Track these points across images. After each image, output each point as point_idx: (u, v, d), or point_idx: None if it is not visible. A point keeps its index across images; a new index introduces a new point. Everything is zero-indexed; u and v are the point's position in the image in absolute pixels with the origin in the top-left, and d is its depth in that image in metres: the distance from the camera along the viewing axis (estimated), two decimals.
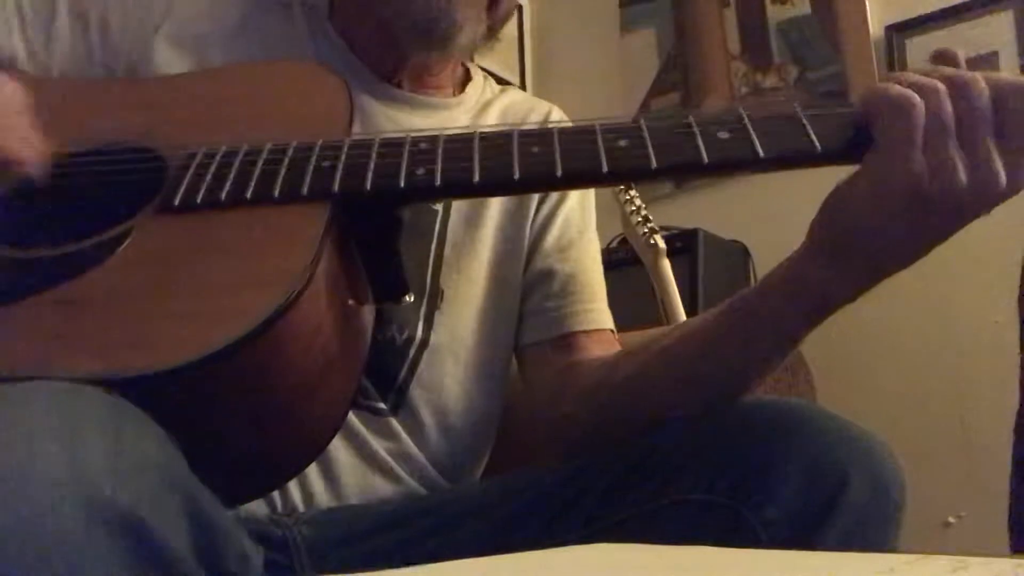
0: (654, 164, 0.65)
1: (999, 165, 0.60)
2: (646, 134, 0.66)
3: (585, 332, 0.92)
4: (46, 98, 0.79)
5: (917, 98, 0.61)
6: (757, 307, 0.73)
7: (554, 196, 0.97)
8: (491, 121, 0.98)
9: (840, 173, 0.65)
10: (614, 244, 2.10)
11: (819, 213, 0.67)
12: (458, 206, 0.93)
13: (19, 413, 0.49)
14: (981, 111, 0.61)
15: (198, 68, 0.87)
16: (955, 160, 0.60)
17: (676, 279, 1.77)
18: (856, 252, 0.66)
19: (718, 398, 0.75)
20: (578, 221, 0.98)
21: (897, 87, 0.62)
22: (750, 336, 0.74)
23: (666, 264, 1.78)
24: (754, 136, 0.65)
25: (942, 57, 0.66)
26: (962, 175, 0.60)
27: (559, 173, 0.66)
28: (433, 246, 0.91)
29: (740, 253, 2.24)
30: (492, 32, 0.92)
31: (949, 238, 0.64)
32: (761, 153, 0.64)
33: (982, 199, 0.61)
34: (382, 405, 0.87)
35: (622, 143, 0.66)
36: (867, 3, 2.34)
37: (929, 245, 0.65)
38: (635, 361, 0.83)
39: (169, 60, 0.88)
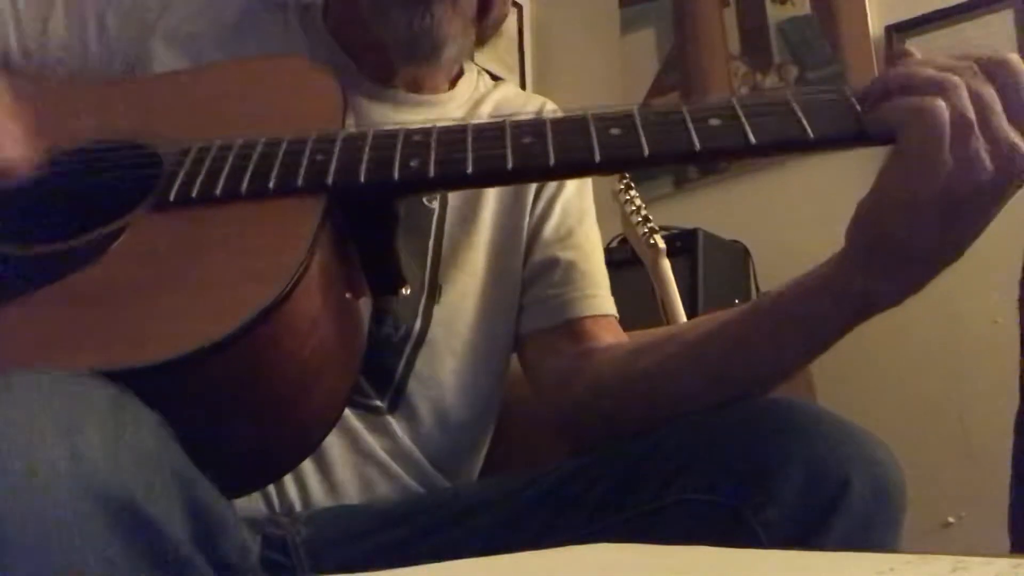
0: (646, 152, 0.65)
1: (1019, 142, 0.60)
2: (638, 123, 0.66)
3: (592, 318, 0.92)
4: (40, 96, 0.79)
5: (942, 104, 0.60)
6: (794, 310, 0.73)
7: (551, 186, 0.97)
8: (484, 116, 0.98)
9: (841, 174, 0.65)
10: (614, 244, 2.10)
11: (852, 222, 0.67)
12: (454, 202, 0.93)
13: (19, 401, 0.49)
14: (992, 98, 0.61)
15: (197, 64, 0.87)
16: (979, 151, 0.60)
17: (676, 279, 1.77)
18: (897, 257, 0.65)
19: (739, 395, 0.75)
20: (576, 209, 0.98)
21: (925, 99, 0.61)
22: (784, 338, 0.74)
23: (666, 264, 1.77)
24: (745, 123, 0.65)
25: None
26: (987, 164, 0.60)
27: (552, 163, 0.66)
28: (431, 243, 0.91)
29: (740, 253, 2.24)
30: (482, 41, 0.92)
31: (990, 223, 0.64)
32: (752, 139, 0.64)
33: (1011, 179, 0.61)
34: (379, 403, 0.87)
35: (614, 131, 0.66)
36: (867, 3, 2.34)
37: (970, 237, 0.64)
38: (658, 354, 0.82)
39: (165, 59, 0.88)
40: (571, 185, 0.98)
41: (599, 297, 0.94)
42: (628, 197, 1.84)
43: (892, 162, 0.63)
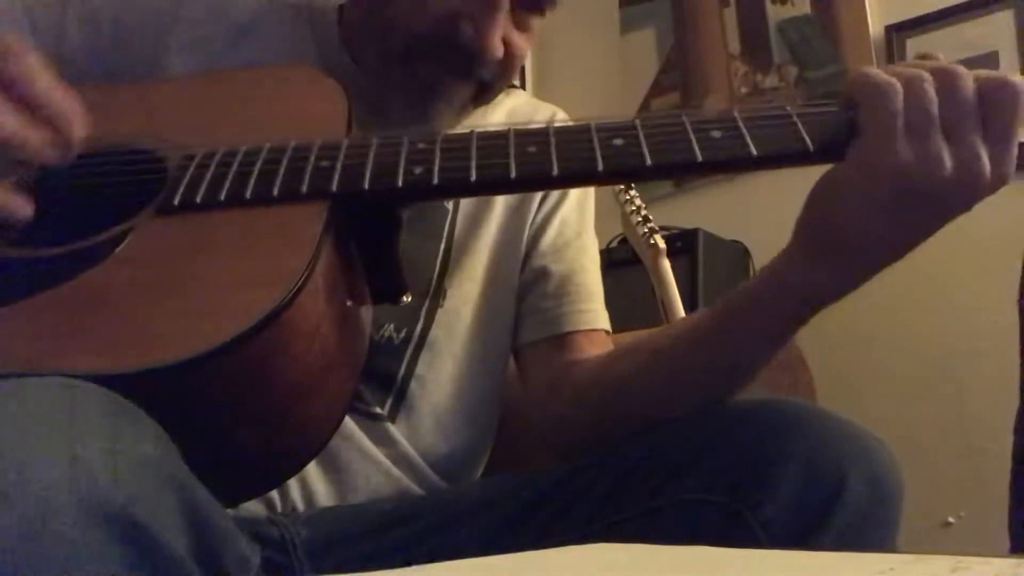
0: (649, 162, 0.65)
1: (984, 158, 0.61)
2: (640, 133, 0.67)
3: (583, 332, 0.93)
4: None
5: (897, 84, 0.61)
6: (743, 307, 0.73)
7: (554, 197, 0.97)
8: (495, 124, 0.98)
9: None
10: (614, 244, 2.10)
11: (805, 206, 0.67)
12: (464, 205, 0.93)
13: (17, 410, 0.49)
14: (966, 103, 0.61)
15: (203, 71, 0.87)
16: (940, 151, 0.60)
17: (676, 279, 1.77)
18: (840, 248, 0.66)
19: (708, 398, 0.75)
20: (575, 222, 0.99)
21: (879, 74, 0.62)
22: (737, 335, 0.74)
23: (666, 264, 1.78)
24: (747, 135, 0.65)
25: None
26: (948, 166, 0.60)
27: (555, 172, 0.66)
28: (442, 246, 0.91)
29: (740, 253, 2.24)
30: (486, 103, 0.91)
31: (933, 234, 0.64)
32: (754, 152, 0.64)
33: (967, 192, 0.61)
34: (379, 410, 0.87)
35: (617, 142, 0.67)
36: (867, 3, 2.34)
37: (914, 241, 0.65)
38: (628, 361, 0.83)
39: (179, 62, 0.88)
40: (573, 198, 0.99)
41: (592, 312, 0.94)
42: (628, 197, 1.84)
43: (854, 143, 0.63)
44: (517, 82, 2.90)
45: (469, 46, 0.81)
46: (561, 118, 1.03)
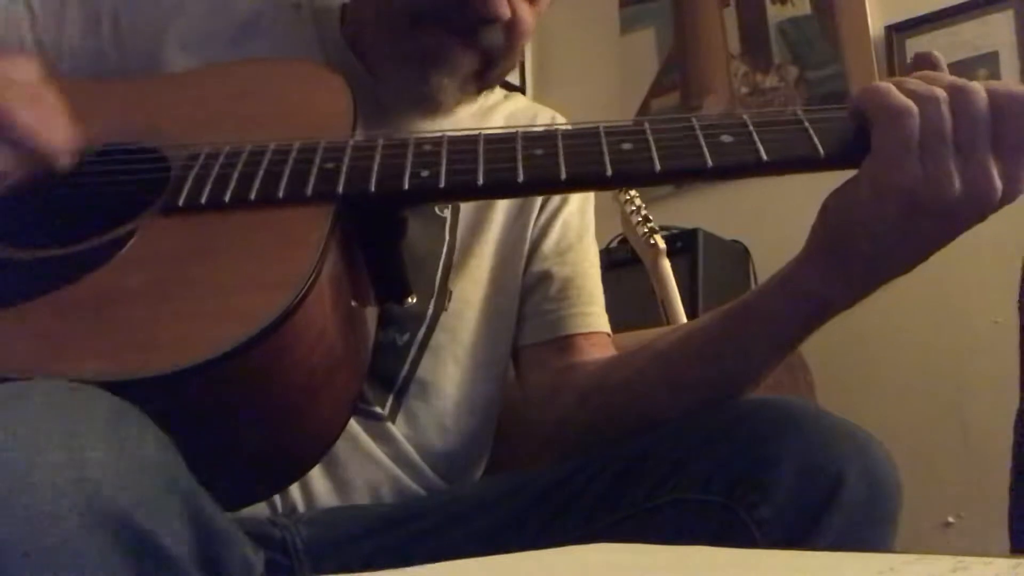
0: (658, 168, 0.65)
1: (995, 175, 0.60)
2: (650, 137, 0.66)
3: (582, 335, 0.93)
4: None
5: (914, 107, 0.61)
6: (754, 310, 0.73)
7: (555, 201, 0.97)
8: (498, 126, 0.98)
9: (841, 174, 0.66)
10: (614, 244, 2.10)
11: (818, 218, 0.67)
12: (466, 210, 0.93)
13: (20, 415, 0.49)
14: (979, 121, 0.61)
15: (207, 65, 0.87)
16: (950, 169, 0.60)
17: (676, 279, 1.77)
18: (853, 258, 0.66)
19: (712, 402, 0.75)
20: (577, 226, 0.99)
21: (895, 94, 0.62)
22: (746, 339, 0.74)
23: (666, 264, 1.78)
24: (757, 141, 0.64)
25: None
26: (957, 184, 0.60)
27: (563, 176, 0.66)
28: (444, 250, 0.91)
29: (740, 253, 2.24)
30: (490, 87, 0.92)
31: (945, 246, 0.64)
32: (765, 157, 0.64)
33: (977, 208, 0.61)
34: (379, 410, 0.87)
35: (626, 146, 0.66)
36: (867, 3, 2.34)
37: (925, 253, 0.65)
38: (630, 364, 0.83)
39: (178, 59, 0.87)
40: (574, 201, 0.99)
41: (592, 315, 0.94)
42: (628, 197, 1.84)
43: (866, 160, 0.63)
44: (517, 83, 2.89)
45: (473, 2, 0.81)
46: (560, 123, 1.03)
